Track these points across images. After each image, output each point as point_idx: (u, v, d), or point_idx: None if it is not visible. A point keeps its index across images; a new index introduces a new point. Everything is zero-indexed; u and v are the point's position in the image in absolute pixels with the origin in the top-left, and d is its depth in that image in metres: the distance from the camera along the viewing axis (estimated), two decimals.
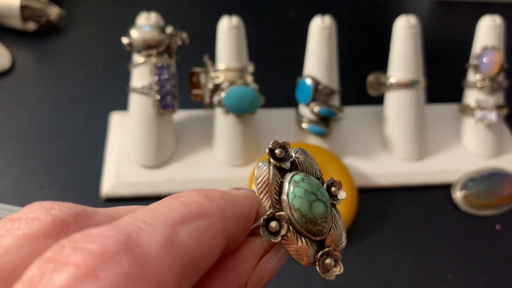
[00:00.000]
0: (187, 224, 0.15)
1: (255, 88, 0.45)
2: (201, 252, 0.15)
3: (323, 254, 0.19)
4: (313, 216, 0.18)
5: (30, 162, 0.48)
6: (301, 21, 0.54)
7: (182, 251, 0.14)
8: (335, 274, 0.19)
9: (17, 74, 0.57)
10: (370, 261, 0.42)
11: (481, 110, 0.48)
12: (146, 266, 0.13)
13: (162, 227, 0.14)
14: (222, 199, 0.17)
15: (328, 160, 0.45)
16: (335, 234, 0.19)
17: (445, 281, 0.41)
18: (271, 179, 0.19)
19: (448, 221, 0.45)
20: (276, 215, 0.18)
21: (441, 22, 0.69)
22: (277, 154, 0.19)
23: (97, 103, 0.53)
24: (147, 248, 0.13)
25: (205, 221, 0.16)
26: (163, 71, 0.44)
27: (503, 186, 0.47)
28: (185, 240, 0.15)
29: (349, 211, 0.43)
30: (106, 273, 0.12)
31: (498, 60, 0.47)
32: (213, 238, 0.16)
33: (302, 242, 0.18)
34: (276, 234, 0.18)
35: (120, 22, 0.62)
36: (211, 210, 0.16)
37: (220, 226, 0.16)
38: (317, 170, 0.20)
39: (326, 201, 0.19)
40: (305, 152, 0.20)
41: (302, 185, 0.19)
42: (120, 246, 0.13)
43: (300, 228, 0.18)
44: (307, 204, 0.18)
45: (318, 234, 0.19)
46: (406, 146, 0.48)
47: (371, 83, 0.50)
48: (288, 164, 0.19)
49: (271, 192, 0.19)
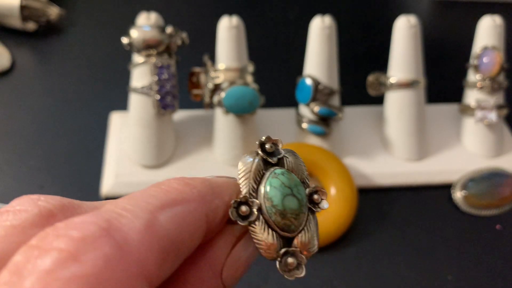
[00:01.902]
0: (167, 210, 0.15)
1: (255, 88, 0.45)
2: (181, 237, 0.15)
3: (288, 252, 0.18)
4: (284, 209, 0.18)
5: (30, 162, 0.48)
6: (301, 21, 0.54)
7: (162, 235, 0.15)
8: (296, 276, 0.18)
9: (17, 74, 0.57)
10: (370, 261, 0.42)
11: (481, 110, 0.48)
12: (126, 249, 0.14)
13: (142, 213, 0.15)
14: (203, 186, 0.17)
15: (328, 160, 0.45)
16: (305, 238, 0.19)
17: (445, 281, 0.41)
18: (254, 168, 0.19)
19: (448, 221, 0.45)
20: (249, 200, 0.18)
21: (441, 22, 0.69)
22: (266, 148, 0.19)
23: (97, 103, 0.53)
24: (127, 232, 0.14)
25: (185, 206, 0.16)
26: (163, 71, 0.44)
27: (503, 186, 0.47)
28: (165, 224, 0.15)
29: (349, 211, 0.43)
30: (88, 256, 0.13)
31: (498, 60, 0.47)
32: (193, 223, 0.16)
33: (268, 234, 0.18)
34: (244, 218, 0.18)
35: (120, 22, 0.62)
36: (191, 196, 0.16)
37: (200, 211, 0.16)
38: (304, 174, 0.20)
39: (301, 199, 0.19)
40: (295, 155, 0.20)
41: (280, 178, 0.18)
42: (101, 231, 0.14)
43: (269, 218, 0.18)
44: (280, 195, 0.18)
45: (285, 230, 0.18)
46: (406, 146, 0.48)
47: (371, 83, 0.49)
48: (275, 160, 0.19)
49: (250, 180, 0.18)
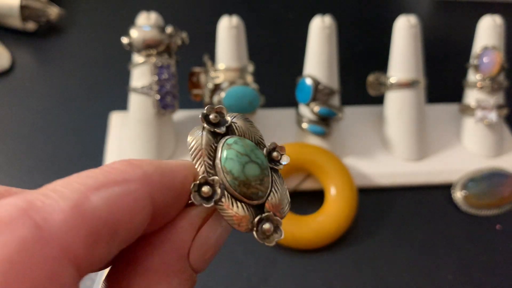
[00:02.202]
0: (102, 190, 0.15)
1: (255, 88, 0.45)
2: (117, 218, 0.15)
3: (261, 219, 0.18)
4: (246, 178, 0.17)
5: (30, 162, 0.48)
6: (301, 21, 0.54)
7: (92, 215, 0.14)
8: (275, 240, 0.18)
9: (17, 74, 0.57)
10: (370, 261, 0.42)
11: (481, 110, 0.48)
12: (46, 230, 0.13)
13: (71, 194, 0.14)
14: (148, 166, 0.16)
15: (328, 160, 0.45)
16: (275, 199, 0.18)
17: (446, 281, 0.41)
18: (204, 144, 0.18)
19: (448, 221, 0.45)
20: (209, 180, 0.17)
21: (442, 22, 0.69)
22: (211, 119, 0.18)
23: (97, 103, 0.53)
24: (49, 213, 0.13)
25: (124, 186, 0.15)
26: (163, 71, 0.44)
27: (503, 186, 0.47)
28: (96, 204, 0.14)
29: (349, 211, 0.43)
30: (0, 239, 0.12)
31: (498, 60, 0.47)
32: (132, 204, 0.15)
33: (238, 207, 0.17)
34: (209, 199, 0.17)
35: (120, 22, 0.62)
36: (133, 176, 0.16)
37: (143, 191, 0.16)
38: (257, 135, 0.19)
39: (261, 163, 0.18)
40: (245, 118, 0.19)
41: (234, 147, 0.18)
42: (18, 211, 0.13)
43: (234, 191, 0.17)
44: (239, 166, 0.17)
45: (253, 198, 0.18)
46: (406, 146, 0.48)
47: (371, 83, 0.49)
48: (223, 129, 0.18)
49: (204, 157, 0.18)
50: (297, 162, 0.45)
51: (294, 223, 0.42)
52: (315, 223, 0.42)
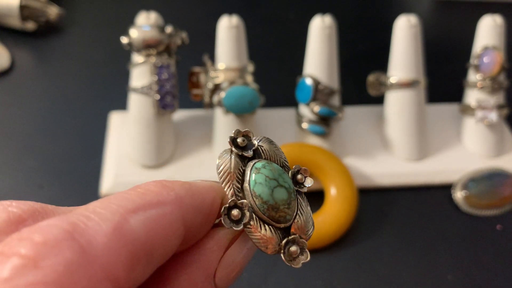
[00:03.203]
0: (140, 213, 0.15)
1: (255, 88, 0.45)
2: (154, 240, 0.15)
3: (288, 241, 0.18)
4: (275, 202, 0.18)
5: (30, 162, 0.48)
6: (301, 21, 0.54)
7: (132, 238, 0.14)
8: (302, 262, 0.18)
9: (17, 74, 0.57)
10: (370, 261, 0.42)
11: (481, 110, 0.48)
12: (91, 253, 0.13)
13: (112, 216, 0.14)
14: (181, 188, 0.17)
15: (328, 160, 0.45)
16: (301, 221, 0.19)
17: (446, 281, 0.41)
18: (233, 167, 0.18)
19: (449, 221, 0.45)
20: (238, 203, 0.18)
21: (442, 22, 0.69)
22: (239, 143, 0.19)
23: (97, 103, 0.53)
24: (92, 236, 0.13)
25: (160, 209, 0.15)
26: (163, 70, 0.44)
27: (504, 186, 0.47)
28: (135, 228, 0.14)
29: (350, 211, 0.43)
30: (47, 262, 0.12)
31: (498, 60, 0.47)
32: (168, 227, 0.15)
33: (266, 230, 0.18)
34: (238, 222, 0.18)
35: (119, 21, 0.62)
36: (167, 198, 0.16)
37: (177, 214, 0.16)
38: (282, 158, 0.20)
39: (288, 187, 0.19)
40: (270, 141, 0.20)
41: (263, 172, 0.18)
42: (64, 234, 0.13)
43: (263, 215, 0.18)
44: (268, 190, 0.18)
45: (281, 221, 0.18)
46: (407, 146, 0.48)
47: (372, 83, 0.49)
48: (251, 153, 0.19)
49: (233, 181, 0.18)
50: (297, 162, 0.45)
51: None
52: (315, 223, 0.42)
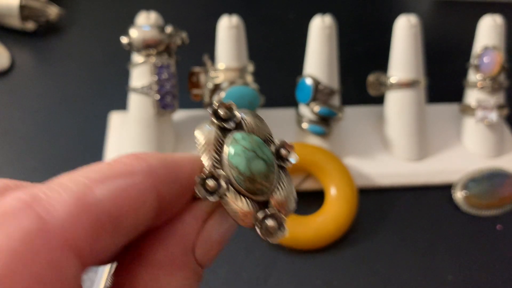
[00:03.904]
0: (107, 183, 0.15)
1: (255, 88, 0.45)
2: (122, 209, 0.15)
3: (266, 216, 0.18)
4: (252, 174, 0.17)
5: (30, 162, 0.48)
6: (301, 21, 0.54)
7: (95, 207, 0.14)
8: (279, 237, 0.18)
9: (16, 74, 0.57)
10: (370, 261, 0.42)
11: (481, 110, 0.48)
12: (49, 222, 0.13)
13: (76, 186, 0.14)
14: (154, 159, 0.16)
15: (328, 160, 0.45)
16: (280, 196, 0.18)
17: (446, 282, 0.41)
18: (212, 138, 0.18)
19: (449, 222, 0.45)
20: (215, 173, 0.17)
21: (442, 22, 0.69)
22: (221, 115, 0.18)
23: (97, 103, 0.53)
24: (52, 205, 0.13)
25: (129, 179, 0.15)
26: (163, 70, 0.44)
27: (504, 186, 0.47)
28: (100, 197, 0.14)
29: (350, 211, 0.43)
30: (3, 230, 0.12)
31: (498, 60, 0.47)
32: (137, 196, 0.15)
33: (242, 202, 0.17)
34: (213, 193, 0.17)
35: (119, 21, 0.62)
36: (138, 168, 0.16)
37: (147, 184, 0.16)
38: (266, 132, 0.19)
39: (267, 159, 0.18)
40: (255, 115, 0.19)
41: (241, 143, 0.18)
42: (22, 204, 0.13)
43: (239, 187, 0.17)
44: (245, 161, 0.17)
45: (258, 194, 0.18)
46: (407, 146, 0.48)
47: (372, 83, 0.49)
48: (233, 125, 0.18)
49: (211, 152, 0.18)
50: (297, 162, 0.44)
51: (294, 223, 0.42)
52: (315, 223, 0.42)
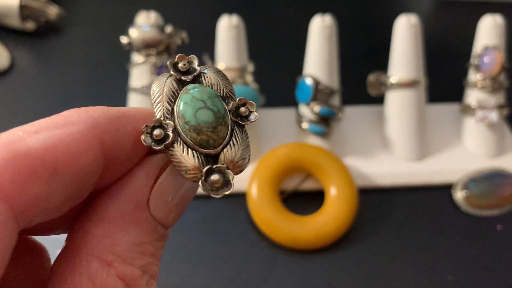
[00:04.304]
0: (42, 133, 0.15)
1: (255, 88, 0.45)
2: (56, 156, 0.15)
3: (212, 170, 0.17)
4: (197, 123, 0.17)
5: None
6: (301, 20, 0.54)
7: (25, 154, 0.14)
8: (223, 193, 0.17)
9: (16, 74, 0.57)
10: (370, 261, 0.42)
11: (482, 110, 0.48)
12: None
13: (7, 137, 0.14)
14: (96, 110, 0.16)
15: (328, 160, 0.45)
16: (231, 152, 0.17)
17: (446, 282, 0.41)
18: (166, 89, 0.17)
19: (449, 222, 0.45)
20: (163, 123, 0.17)
21: (442, 22, 0.68)
22: (180, 67, 0.18)
23: (96, 103, 0.53)
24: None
25: (66, 129, 0.15)
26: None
27: (504, 186, 0.47)
28: (31, 145, 0.14)
29: (350, 211, 0.43)
30: None
31: (499, 60, 0.47)
32: (74, 144, 0.15)
33: (188, 154, 0.17)
34: (160, 142, 0.17)
35: (119, 21, 0.62)
36: (77, 119, 0.16)
37: (87, 133, 0.15)
38: (228, 88, 0.18)
39: (217, 111, 0.17)
40: (217, 70, 0.19)
41: (191, 92, 0.17)
42: None
43: (185, 138, 0.17)
44: (192, 110, 0.17)
45: (204, 145, 0.17)
46: (407, 146, 0.48)
47: (372, 82, 0.49)
48: (190, 77, 0.18)
49: (164, 103, 0.17)
50: (297, 162, 0.45)
51: (294, 223, 0.42)
52: (315, 223, 0.42)
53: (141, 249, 0.16)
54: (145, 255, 0.16)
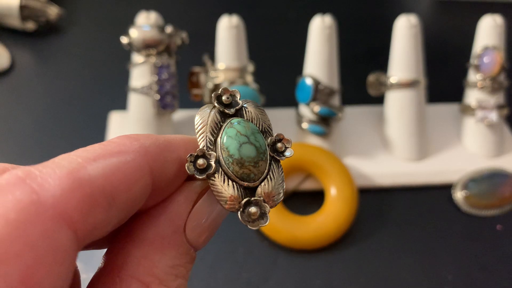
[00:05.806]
0: (99, 161, 0.15)
1: (255, 88, 0.45)
2: (114, 185, 0.15)
3: (250, 202, 0.18)
4: (240, 157, 0.18)
5: (30, 161, 0.48)
6: (301, 21, 0.54)
7: (88, 182, 0.14)
8: (259, 226, 0.18)
9: (17, 74, 0.57)
10: (370, 261, 0.42)
11: (481, 110, 0.48)
12: (42, 194, 0.13)
13: (68, 164, 0.15)
14: (146, 139, 0.17)
15: (328, 160, 0.45)
16: (268, 186, 0.18)
17: (446, 282, 0.41)
18: (210, 120, 0.18)
19: (449, 222, 0.45)
20: (206, 153, 0.18)
21: (442, 22, 0.69)
22: (223, 100, 0.19)
23: (97, 103, 0.53)
24: (45, 179, 0.14)
25: (121, 157, 0.16)
26: (163, 70, 0.44)
27: (504, 186, 0.47)
28: (92, 173, 0.15)
29: (350, 211, 0.43)
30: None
31: (498, 60, 0.47)
32: (130, 173, 0.16)
33: (229, 185, 0.18)
34: (202, 172, 0.17)
35: (119, 21, 0.62)
36: (130, 147, 0.16)
37: (140, 162, 0.16)
38: (266, 123, 0.19)
39: (259, 146, 0.18)
40: (257, 105, 0.20)
41: (236, 127, 0.18)
42: (16, 179, 0.14)
43: (227, 169, 0.18)
44: (236, 144, 0.18)
45: (245, 179, 0.18)
46: (407, 146, 0.48)
47: (372, 83, 0.49)
48: (233, 110, 0.19)
49: (207, 133, 0.18)
50: (297, 162, 0.45)
51: (294, 223, 0.42)
52: (315, 223, 0.42)
53: (175, 271, 0.17)
54: (178, 277, 0.17)
